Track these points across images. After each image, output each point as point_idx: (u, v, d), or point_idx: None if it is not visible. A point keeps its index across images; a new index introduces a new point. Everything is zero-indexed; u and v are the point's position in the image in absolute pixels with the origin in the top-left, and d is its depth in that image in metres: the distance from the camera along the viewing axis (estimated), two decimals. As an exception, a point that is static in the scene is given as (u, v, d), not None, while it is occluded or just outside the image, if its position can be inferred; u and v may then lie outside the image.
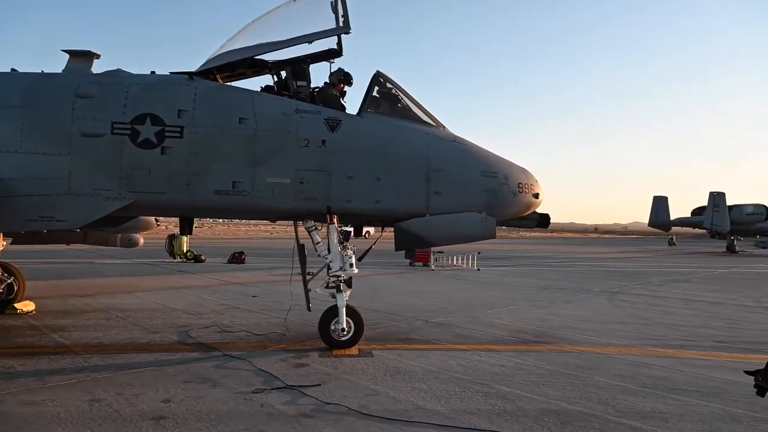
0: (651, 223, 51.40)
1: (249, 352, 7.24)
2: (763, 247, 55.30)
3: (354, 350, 7.43)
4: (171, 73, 7.45)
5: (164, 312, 10.14)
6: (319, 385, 5.83)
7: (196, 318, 9.62)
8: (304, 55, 7.71)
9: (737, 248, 48.16)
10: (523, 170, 8.20)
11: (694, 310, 12.36)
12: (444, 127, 7.94)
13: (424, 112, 7.88)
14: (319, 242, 7.64)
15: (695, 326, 10.29)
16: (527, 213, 8.38)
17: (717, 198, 44.63)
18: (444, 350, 7.69)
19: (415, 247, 7.48)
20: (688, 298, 14.59)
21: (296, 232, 8.11)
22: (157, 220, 12.88)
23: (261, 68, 7.90)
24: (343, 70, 7.93)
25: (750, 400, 5.71)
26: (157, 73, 7.42)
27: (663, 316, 11.35)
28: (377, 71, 7.76)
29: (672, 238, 63.70)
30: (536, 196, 8.25)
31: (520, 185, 8.00)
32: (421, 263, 23.12)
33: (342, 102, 7.71)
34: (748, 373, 2.91)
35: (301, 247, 7.98)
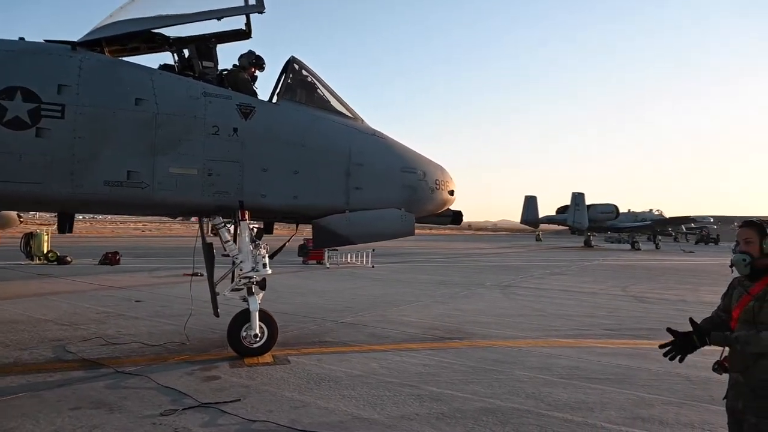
0: (522, 221, 55.65)
1: (146, 366, 6.34)
2: (611, 242, 62.72)
3: (268, 358, 6.85)
4: (45, 41, 6.28)
5: (30, 324, 8.63)
6: (239, 399, 5.23)
7: (72, 329, 8.30)
8: (209, 34, 6.95)
9: (593, 243, 53.93)
10: (440, 167, 8.17)
11: (577, 301, 13.37)
12: (362, 119, 7.63)
13: (341, 104, 7.50)
14: (228, 241, 6.94)
15: (584, 315, 11.10)
16: (442, 210, 8.38)
17: (578, 198, 49.53)
18: (363, 352, 7.39)
19: (334, 245, 7.10)
20: (568, 290, 15.81)
21: (202, 229, 7.30)
22: (20, 216, 11.00)
23: (159, 44, 6.97)
24: (254, 53, 7.29)
25: (654, 385, 6.19)
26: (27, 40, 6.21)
27: (554, 307, 12.10)
28: (292, 57, 7.23)
29: (539, 235, 69.61)
30: (451, 193, 8.27)
31: (437, 182, 7.96)
32: (314, 261, 22.62)
33: (253, 88, 7.07)
34: (662, 346, 3.03)
35: (208, 246, 7.18)
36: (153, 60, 7.01)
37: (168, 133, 6.14)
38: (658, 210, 58.31)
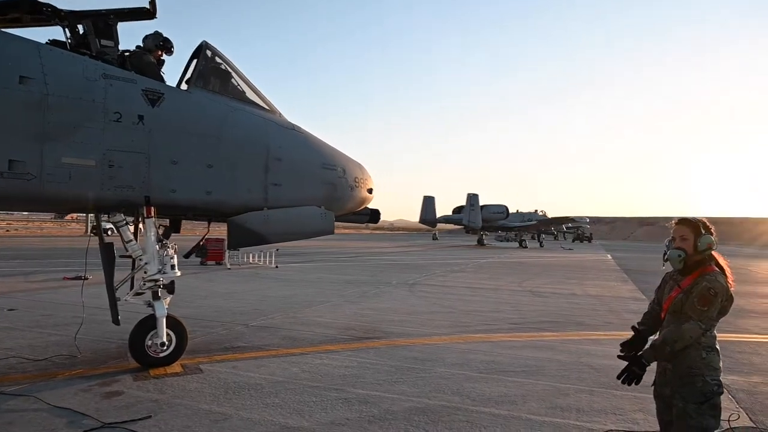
0: (421, 220, 57.33)
1: (31, 384, 5.53)
2: (501, 241, 66.82)
3: (176, 367, 6.28)
4: None
5: None
6: (150, 416, 4.71)
7: (-72, 346, 7.05)
8: (107, 10, 6.22)
9: (485, 241, 56.97)
10: (359, 164, 8.04)
11: (481, 297, 13.93)
12: (279, 113, 7.27)
13: (258, 95, 7.08)
14: (130, 240, 6.26)
15: (489, 311, 11.56)
16: (360, 208, 8.26)
17: (473, 198, 52.03)
18: (281, 356, 7.05)
19: (251, 244, 6.63)
20: (471, 286, 16.45)
21: (99, 228, 6.51)
22: None
23: (47, 17, 6.10)
24: (161, 34, 6.66)
25: (565, 374, 6.55)
26: None
27: (461, 304, 12.49)
28: (204, 41, 6.69)
29: (435, 234, 72.17)
30: (370, 191, 8.17)
31: (356, 179, 7.82)
32: (214, 262, 21.48)
33: (160, 73, 6.46)
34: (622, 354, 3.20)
35: (107, 247, 6.41)
36: (40, 35, 6.14)
37: (60, 118, 5.37)
38: (542, 211, 63.13)
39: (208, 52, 6.68)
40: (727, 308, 2.96)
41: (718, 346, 3.01)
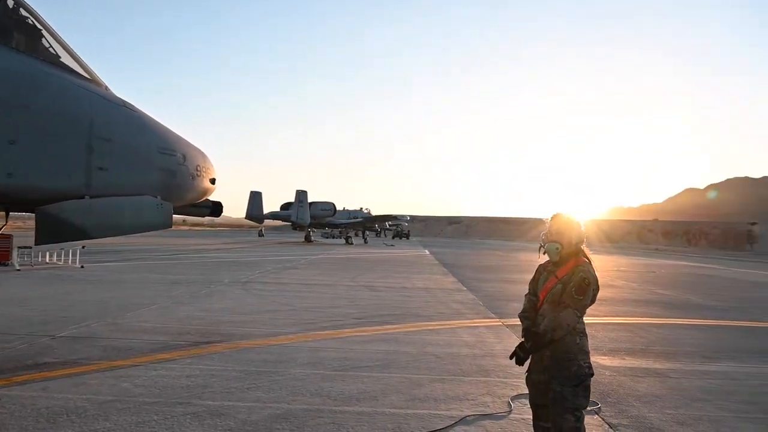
0: (248, 216, 55.27)
1: None
2: (327, 237, 68.01)
3: (-40, 396, 4.94)
4: None
5: None
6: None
7: None
8: None
9: (312, 238, 57.27)
10: (201, 151, 7.27)
11: (319, 293, 13.82)
12: (107, 86, 6.20)
13: (79, 63, 5.92)
14: None
15: (330, 307, 11.50)
16: (202, 200, 7.49)
17: (301, 195, 51.82)
18: (104, 370, 6.02)
19: (67, 240, 5.45)
20: (306, 283, 16.24)
21: None
22: None
23: None
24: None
25: (414, 365, 6.75)
26: None
27: (300, 301, 12.22)
28: (4, -13, 5.38)
29: (262, 230, 70.35)
30: (213, 181, 7.44)
31: (198, 168, 7.05)
32: (-4, 262, 17.82)
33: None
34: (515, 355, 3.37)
35: None
36: None
37: None
38: (367, 208, 65.71)
39: (10, 2, 5.38)
40: (596, 297, 3.25)
41: (586, 332, 3.30)
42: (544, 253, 3.35)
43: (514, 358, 3.29)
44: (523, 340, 3.33)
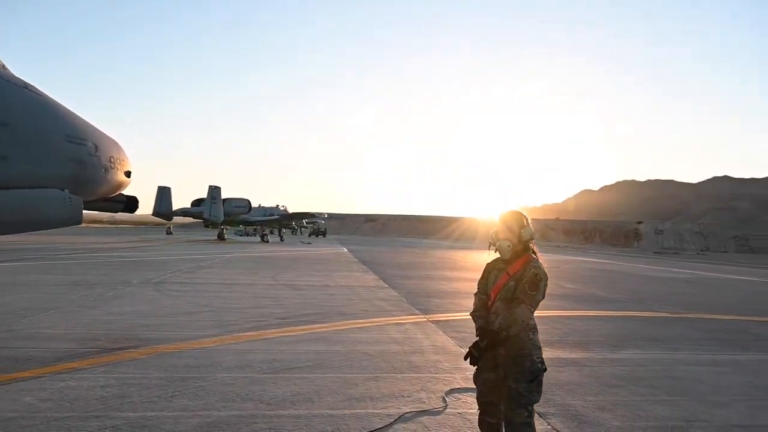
0: (155, 213, 52.10)
1: None
2: (241, 235, 65.96)
3: None
4: None
5: None
6: None
7: None
8: None
9: (226, 236, 55.19)
10: (114, 142, 6.70)
11: (239, 293, 13.29)
12: (4, 65, 5.52)
13: (-30, 35, 5.23)
14: None
15: (253, 307, 11.09)
16: (115, 194, 6.91)
17: (215, 191, 49.69)
18: (1, 384, 5.35)
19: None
20: (225, 282, 15.57)
21: None
22: None
23: None
24: None
25: (347, 365, 6.66)
26: None
27: (220, 301, 11.68)
28: None
29: (170, 228, 66.73)
30: (128, 174, 6.89)
31: (112, 159, 6.49)
32: None
33: None
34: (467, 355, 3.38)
35: None
36: None
37: None
38: (283, 205, 64.40)
39: None
40: (545, 292, 3.34)
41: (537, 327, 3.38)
42: (495, 251, 3.39)
43: (468, 359, 3.29)
44: (477, 339, 3.34)
